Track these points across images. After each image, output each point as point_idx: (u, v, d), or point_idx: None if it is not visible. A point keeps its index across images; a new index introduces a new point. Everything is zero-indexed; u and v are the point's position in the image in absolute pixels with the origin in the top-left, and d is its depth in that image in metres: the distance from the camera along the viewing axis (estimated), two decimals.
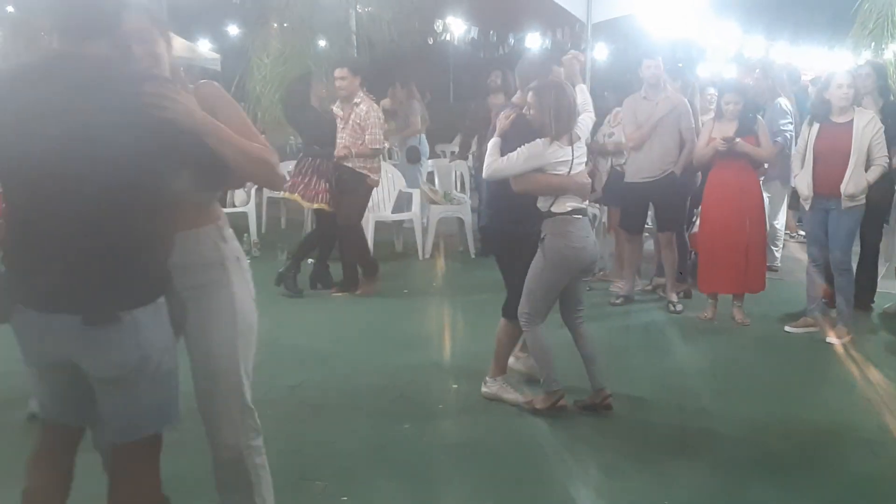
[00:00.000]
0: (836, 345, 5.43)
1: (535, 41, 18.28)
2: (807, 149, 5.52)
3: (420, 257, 8.19)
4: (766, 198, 6.47)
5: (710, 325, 5.97)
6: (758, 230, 5.95)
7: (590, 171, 5.16)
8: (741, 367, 5.19)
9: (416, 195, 8.35)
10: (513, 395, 4.44)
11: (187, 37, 12.80)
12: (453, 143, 12.64)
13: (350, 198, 6.66)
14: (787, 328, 5.80)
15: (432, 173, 9.75)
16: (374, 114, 6.60)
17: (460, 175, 9.95)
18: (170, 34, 2.55)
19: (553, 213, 4.18)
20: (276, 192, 8.58)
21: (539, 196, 4.20)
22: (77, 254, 2.14)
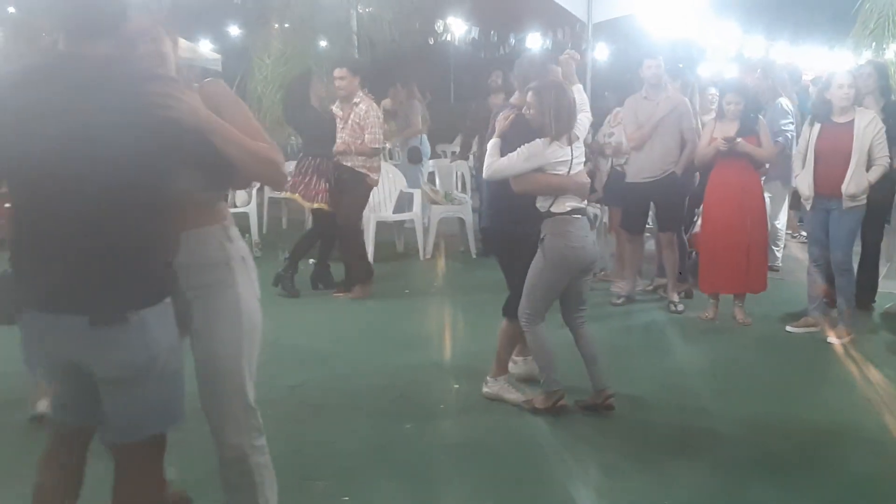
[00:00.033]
0: (837, 345, 5.43)
1: (535, 41, 18.32)
2: (808, 149, 5.52)
3: (421, 257, 8.19)
4: (768, 198, 6.46)
5: (711, 325, 5.97)
6: (759, 230, 5.94)
7: (590, 171, 5.16)
8: (742, 367, 5.19)
9: (417, 195, 8.35)
10: (514, 394, 4.44)
11: (188, 37, 12.79)
12: (454, 144, 12.64)
13: (350, 197, 6.65)
14: (788, 328, 5.79)
15: (433, 173, 9.75)
16: (374, 113, 6.60)
17: (461, 175, 9.95)
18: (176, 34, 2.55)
19: (552, 213, 4.17)
20: (278, 193, 8.59)
21: (538, 196, 4.20)
22: (83, 254, 2.13)
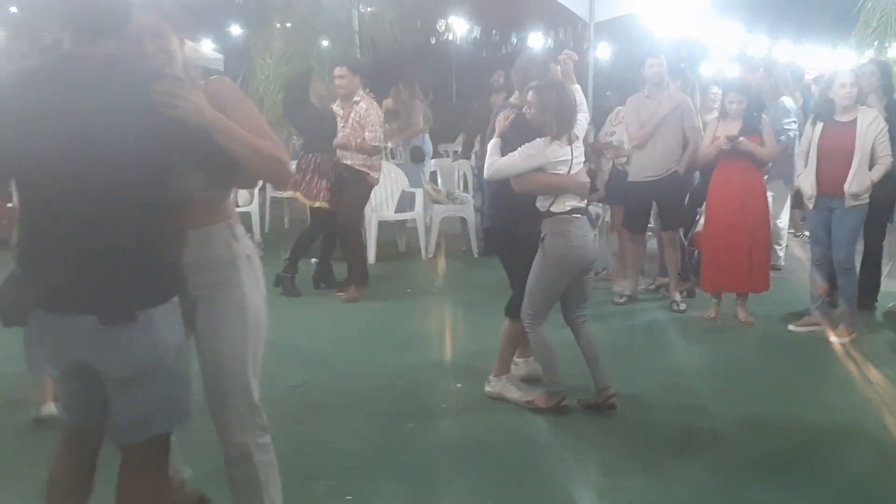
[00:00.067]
0: (839, 344, 5.42)
1: (537, 40, 18.28)
2: (810, 148, 5.51)
3: (423, 257, 8.18)
4: (770, 197, 6.45)
5: (713, 325, 5.97)
6: (761, 229, 5.94)
7: (592, 170, 5.15)
8: (744, 367, 5.18)
9: (419, 195, 8.35)
10: (516, 394, 4.43)
11: (190, 36, 12.80)
12: (456, 143, 12.65)
13: (350, 196, 6.65)
14: (790, 327, 5.79)
15: (435, 173, 9.75)
16: (374, 112, 6.59)
17: (463, 175, 9.94)
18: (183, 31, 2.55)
19: (552, 212, 4.17)
20: (280, 192, 8.59)
21: (539, 195, 4.19)
22: (91, 254, 2.13)
